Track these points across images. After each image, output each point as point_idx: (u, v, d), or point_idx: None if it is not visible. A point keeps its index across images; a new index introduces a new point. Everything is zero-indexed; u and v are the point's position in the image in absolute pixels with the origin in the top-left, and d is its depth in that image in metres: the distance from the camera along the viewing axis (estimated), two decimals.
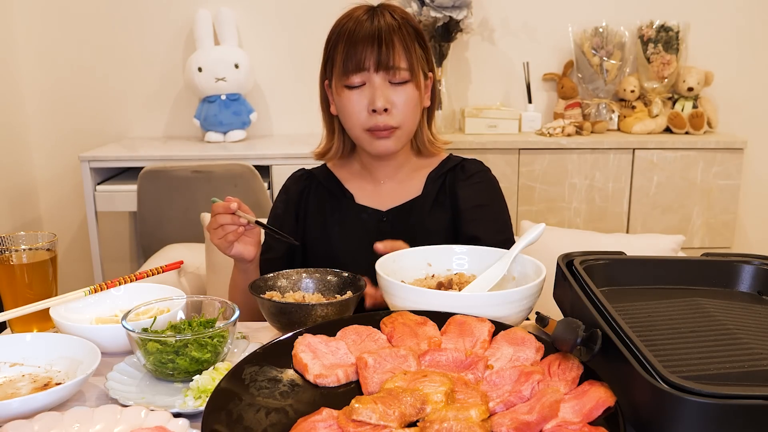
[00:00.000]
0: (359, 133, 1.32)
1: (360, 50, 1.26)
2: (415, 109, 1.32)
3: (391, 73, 1.27)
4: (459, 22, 2.80)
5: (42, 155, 3.16)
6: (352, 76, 1.27)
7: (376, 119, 1.28)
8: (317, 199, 1.42)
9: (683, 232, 2.77)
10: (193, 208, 2.29)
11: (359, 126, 1.30)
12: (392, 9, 1.32)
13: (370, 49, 1.25)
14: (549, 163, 2.76)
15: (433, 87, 1.39)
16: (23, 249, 1.13)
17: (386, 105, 1.27)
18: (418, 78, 1.30)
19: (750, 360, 0.73)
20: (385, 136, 1.30)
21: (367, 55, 1.25)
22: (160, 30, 3.05)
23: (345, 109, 1.31)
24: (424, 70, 1.34)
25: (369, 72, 1.27)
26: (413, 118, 1.32)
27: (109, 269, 3.03)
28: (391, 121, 1.28)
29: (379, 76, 1.27)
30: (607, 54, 2.94)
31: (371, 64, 1.26)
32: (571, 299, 0.87)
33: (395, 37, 1.27)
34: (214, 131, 2.93)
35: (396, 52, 1.26)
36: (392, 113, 1.28)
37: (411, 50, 1.28)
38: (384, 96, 1.27)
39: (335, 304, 1.03)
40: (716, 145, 2.76)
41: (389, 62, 1.26)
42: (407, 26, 1.30)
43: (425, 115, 1.40)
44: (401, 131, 1.31)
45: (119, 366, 0.94)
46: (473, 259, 1.17)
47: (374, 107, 1.26)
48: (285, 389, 0.81)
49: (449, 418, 0.70)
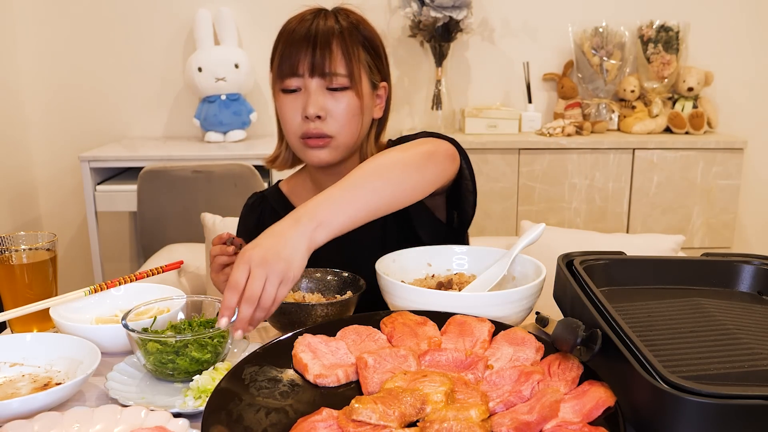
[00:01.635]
0: (294, 140, 1.25)
1: (295, 53, 1.19)
2: (354, 119, 1.22)
3: (327, 79, 1.19)
4: (459, 22, 2.80)
5: (42, 155, 3.16)
6: (287, 80, 1.21)
7: (309, 126, 1.21)
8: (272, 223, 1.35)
9: (683, 232, 2.77)
10: (193, 208, 2.29)
11: (293, 133, 1.24)
12: (344, 12, 1.25)
13: (305, 52, 1.18)
14: (549, 163, 2.76)
15: (387, 98, 1.31)
16: (23, 249, 1.13)
17: (319, 112, 1.19)
18: (359, 86, 1.21)
19: (750, 360, 0.73)
20: (318, 145, 1.22)
21: (301, 58, 1.19)
22: (160, 30, 3.05)
23: (281, 113, 1.25)
24: (374, 80, 1.26)
25: (303, 76, 1.20)
26: (351, 128, 1.23)
27: (109, 269, 3.03)
28: (324, 128, 1.21)
29: (314, 82, 1.19)
30: (607, 54, 2.94)
31: (305, 68, 1.19)
32: (571, 299, 0.87)
33: (334, 41, 1.19)
34: (214, 131, 2.93)
35: (333, 57, 1.19)
36: (327, 121, 1.21)
37: (352, 56, 1.20)
38: (317, 102, 1.19)
39: (335, 304, 1.03)
40: (716, 145, 2.76)
41: (324, 67, 1.18)
42: (354, 31, 1.22)
43: (374, 127, 1.31)
44: (336, 141, 1.22)
45: (119, 366, 0.94)
46: (473, 259, 1.17)
47: (306, 113, 1.20)
48: (285, 389, 0.81)
49: (449, 418, 0.70)
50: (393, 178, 1.01)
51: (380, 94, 1.29)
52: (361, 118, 1.24)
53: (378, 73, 1.27)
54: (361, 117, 1.24)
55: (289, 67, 1.20)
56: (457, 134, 2.92)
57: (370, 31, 1.26)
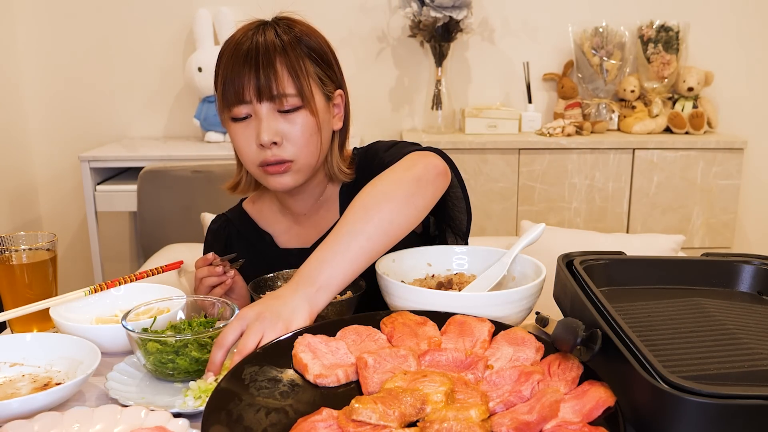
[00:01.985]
0: (253, 168, 1.17)
1: (238, 78, 1.10)
2: (312, 138, 1.15)
3: (277, 102, 1.11)
4: (459, 22, 2.80)
5: (42, 155, 3.16)
6: (235, 108, 1.12)
7: (266, 153, 1.13)
8: (241, 248, 1.29)
9: (683, 232, 2.77)
10: (193, 208, 2.29)
11: (251, 162, 1.16)
12: (285, 23, 1.16)
13: (248, 76, 1.10)
14: (549, 163, 2.76)
15: (345, 106, 1.24)
16: (23, 249, 1.13)
17: (274, 138, 1.11)
18: (311, 103, 1.13)
19: (750, 360, 0.73)
20: (278, 171, 1.14)
21: (245, 83, 1.10)
22: (160, 30, 3.05)
23: (234, 143, 1.17)
24: (327, 92, 1.18)
25: (252, 102, 1.11)
26: (310, 148, 1.15)
27: (109, 269, 3.03)
28: (283, 153, 1.13)
29: (264, 106, 1.11)
30: (607, 54, 2.94)
31: (252, 93, 1.10)
32: (571, 299, 0.87)
33: (277, 60, 1.10)
34: (214, 131, 2.93)
35: (278, 77, 1.10)
36: (283, 146, 1.13)
37: (300, 72, 1.11)
38: (270, 128, 1.11)
39: (335, 304, 1.03)
40: (716, 145, 2.76)
41: (272, 89, 1.10)
42: (296, 44, 1.13)
43: (336, 139, 1.24)
44: (297, 165, 1.15)
45: (119, 366, 0.94)
46: (473, 259, 1.17)
47: (260, 142, 1.12)
48: (285, 389, 0.81)
49: (449, 418, 0.70)
50: (385, 218, 0.97)
51: (337, 103, 1.22)
52: (320, 135, 1.16)
53: (331, 82, 1.19)
54: (319, 135, 1.16)
55: (234, 94, 1.11)
56: (457, 134, 2.92)
57: (315, 40, 1.17)
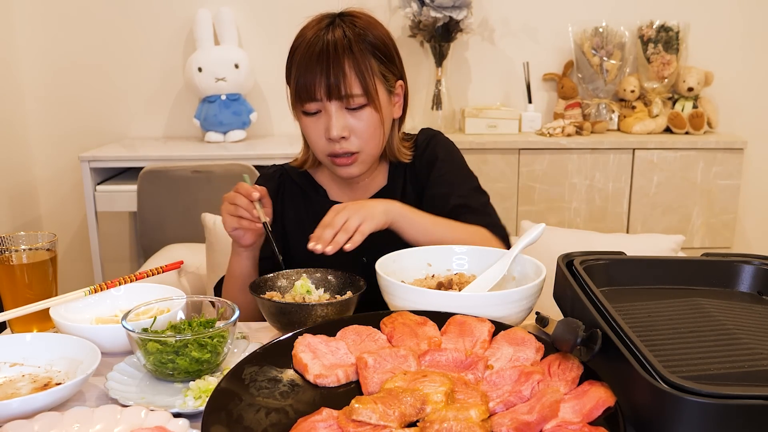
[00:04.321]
0: (322, 157, 1.30)
1: (310, 80, 1.21)
2: (376, 131, 1.27)
3: (345, 101, 1.22)
4: (459, 22, 2.80)
5: (42, 155, 3.16)
6: (307, 105, 1.24)
7: (334, 146, 1.25)
8: (292, 197, 1.40)
9: (683, 232, 2.77)
10: (193, 208, 2.29)
11: (320, 152, 1.28)
12: (351, 19, 1.26)
13: (320, 78, 1.20)
14: (549, 163, 2.76)
15: (405, 94, 1.34)
16: (23, 249, 1.13)
17: (342, 133, 1.23)
18: (376, 101, 1.24)
19: (750, 360, 0.73)
20: (346, 163, 1.27)
21: (317, 84, 1.21)
22: (160, 30, 3.05)
23: (305, 134, 1.30)
24: (389, 87, 1.28)
25: (322, 101, 1.22)
26: (375, 141, 1.28)
27: (109, 269, 3.03)
28: (350, 147, 1.25)
29: (333, 104, 1.22)
30: (607, 54, 2.94)
31: (322, 93, 1.21)
32: (571, 299, 0.87)
33: (345, 61, 1.20)
34: (214, 131, 2.93)
35: (347, 79, 1.20)
36: (350, 140, 1.25)
37: (365, 72, 1.22)
38: (339, 124, 1.23)
39: (335, 304, 1.03)
40: (716, 145, 2.76)
41: (341, 90, 1.21)
42: (362, 42, 1.23)
43: (396, 125, 1.36)
44: (363, 156, 1.28)
45: (119, 366, 0.94)
46: (473, 259, 1.17)
47: (329, 136, 1.23)
48: (285, 389, 0.81)
49: (449, 418, 0.70)
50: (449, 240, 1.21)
51: (398, 93, 1.32)
52: (383, 128, 1.28)
53: (392, 76, 1.29)
54: (382, 128, 1.28)
55: (306, 93, 1.22)
56: (457, 134, 2.92)
57: (378, 35, 1.26)
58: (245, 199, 1.21)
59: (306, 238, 1.14)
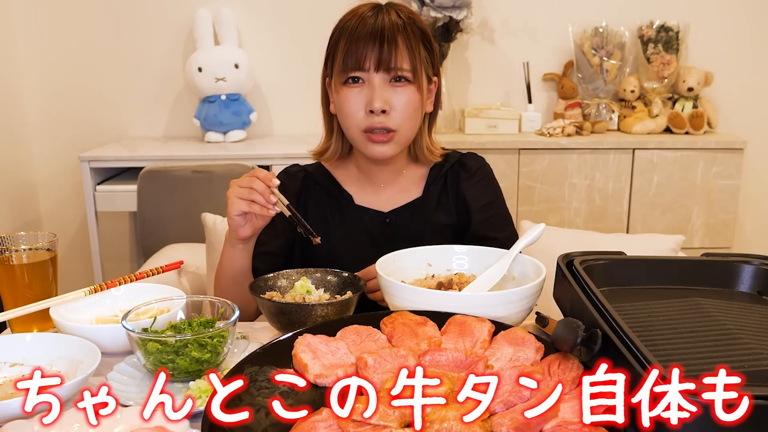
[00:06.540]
0: (356, 134, 1.28)
1: (361, 48, 1.22)
2: (415, 113, 1.27)
3: (391, 74, 1.23)
4: (459, 22, 2.80)
5: (42, 155, 3.16)
6: (351, 74, 1.24)
7: (373, 120, 1.24)
8: (315, 199, 1.38)
9: (683, 232, 2.77)
10: (193, 208, 2.29)
11: (356, 126, 1.26)
12: (399, 8, 1.28)
13: (372, 47, 1.21)
14: (549, 163, 2.76)
15: (437, 92, 1.35)
16: (23, 249, 1.13)
17: (384, 106, 1.22)
18: (420, 81, 1.25)
19: (750, 360, 0.73)
20: (382, 140, 1.26)
21: (367, 53, 1.22)
22: (160, 30, 3.05)
23: (342, 107, 1.27)
24: (429, 74, 1.30)
25: (369, 71, 1.23)
26: (412, 122, 1.28)
27: (109, 269, 3.03)
28: (388, 122, 1.24)
29: (378, 76, 1.23)
30: (607, 54, 2.94)
31: (372, 63, 1.22)
32: (571, 299, 0.87)
33: (399, 37, 1.23)
34: (214, 131, 2.93)
35: (398, 52, 1.22)
36: (390, 115, 1.24)
37: (415, 51, 1.24)
38: (382, 97, 1.23)
39: (335, 304, 1.03)
40: (716, 145, 2.76)
41: (390, 62, 1.22)
42: (413, 26, 1.26)
43: (426, 122, 1.36)
44: (399, 135, 1.27)
45: (119, 366, 0.94)
46: (473, 259, 1.17)
47: (371, 108, 1.22)
48: (285, 389, 0.81)
49: (449, 418, 0.70)
50: None
51: (432, 89, 1.33)
52: (421, 111, 1.29)
53: (432, 67, 1.31)
54: (420, 111, 1.29)
55: (355, 61, 1.23)
56: (457, 134, 2.92)
57: (424, 27, 1.29)
58: (262, 184, 1.15)
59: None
